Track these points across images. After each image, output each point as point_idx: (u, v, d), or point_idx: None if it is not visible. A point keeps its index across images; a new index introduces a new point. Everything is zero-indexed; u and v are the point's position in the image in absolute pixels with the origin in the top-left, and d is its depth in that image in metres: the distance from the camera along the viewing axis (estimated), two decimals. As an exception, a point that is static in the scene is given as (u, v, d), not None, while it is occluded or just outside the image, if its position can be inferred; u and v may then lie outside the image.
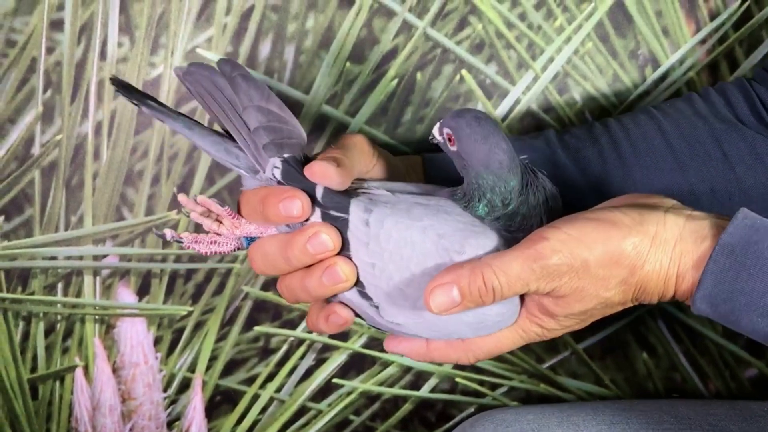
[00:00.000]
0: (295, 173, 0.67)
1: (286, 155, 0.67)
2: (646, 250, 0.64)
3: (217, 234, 0.70)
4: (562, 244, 0.63)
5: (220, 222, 0.70)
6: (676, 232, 0.64)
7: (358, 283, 0.67)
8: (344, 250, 0.67)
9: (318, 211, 0.67)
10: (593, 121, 0.86)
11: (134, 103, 0.70)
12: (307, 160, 0.69)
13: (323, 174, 0.66)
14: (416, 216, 0.66)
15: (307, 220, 0.67)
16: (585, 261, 0.63)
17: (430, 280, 0.64)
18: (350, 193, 0.68)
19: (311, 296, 0.68)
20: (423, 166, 0.80)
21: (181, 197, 0.71)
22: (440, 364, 0.94)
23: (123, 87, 0.70)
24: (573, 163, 0.80)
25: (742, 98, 0.82)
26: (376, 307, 0.67)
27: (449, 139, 0.67)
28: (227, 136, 0.70)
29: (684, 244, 0.64)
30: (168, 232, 0.71)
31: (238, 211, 0.70)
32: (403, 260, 0.65)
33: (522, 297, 0.67)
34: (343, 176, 0.67)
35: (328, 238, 0.66)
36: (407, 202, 0.67)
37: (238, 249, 0.70)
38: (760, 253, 0.62)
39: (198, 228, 0.75)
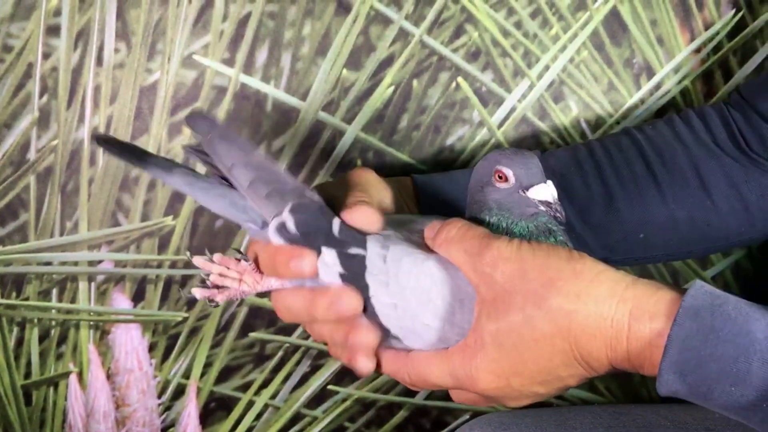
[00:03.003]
0: (308, 219, 0.65)
1: (291, 204, 0.65)
2: (586, 281, 0.60)
3: (240, 290, 0.68)
4: (509, 243, 0.63)
5: (241, 279, 0.68)
6: (629, 278, 0.61)
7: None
8: (364, 292, 0.66)
9: (334, 252, 0.65)
10: (577, 144, 0.86)
11: (125, 161, 0.68)
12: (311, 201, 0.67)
13: (368, 222, 0.65)
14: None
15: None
16: (522, 256, 0.61)
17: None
18: (362, 231, 0.67)
19: (338, 346, 0.67)
20: (414, 188, 0.80)
21: (197, 260, 0.68)
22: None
23: (108, 143, 0.67)
24: (557, 187, 0.81)
25: (720, 124, 0.82)
26: (401, 341, 0.66)
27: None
28: (232, 186, 0.67)
29: (636, 288, 0.60)
30: (198, 292, 0.68)
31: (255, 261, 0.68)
32: (423, 294, 0.65)
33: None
34: (381, 221, 0.66)
35: (350, 303, 0.65)
36: (419, 236, 0.67)
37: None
38: (726, 314, 0.58)
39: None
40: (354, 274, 0.65)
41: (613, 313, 0.60)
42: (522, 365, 0.62)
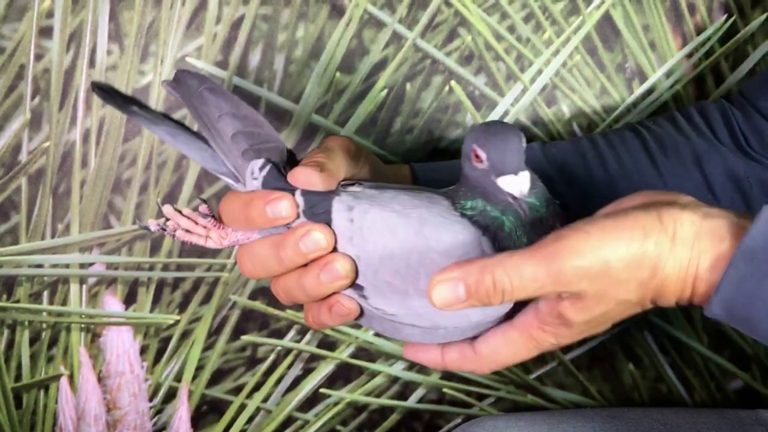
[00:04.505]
0: (277, 175, 0.67)
1: (264, 158, 0.67)
2: (667, 250, 0.61)
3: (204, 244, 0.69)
4: (584, 243, 0.60)
5: (208, 236, 0.69)
6: (693, 230, 0.61)
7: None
8: None
9: (301, 214, 0.66)
10: (580, 137, 0.86)
11: (117, 108, 0.69)
12: (291, 159, 0.69)
13: (307, 181, 0.65)
14: (400, 202, 0.65)
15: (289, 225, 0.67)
16: (606, 263, 0.60)
17: (435, 273, 0.61)
18: (334, 191, 0.67)
19: (308, 296, 0.66)
20: (412, 175, 0.80)
21: (167, 209, 0.69)
22: (429, 374, 0.95)
23: (104, 91, 0.69)
24: (559, 176, 0.81)
25: (721, 120, 0.83)
26: (365, 297, 0.66)
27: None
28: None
29: (701, 243, 0.61)
30: (153, 225, 0.70)
31: (220, 217, 0.69)
32: (386, 250, 0.64)
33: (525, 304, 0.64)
34: (327, 181, 0.66)
35: (321, 236, 0.65)
36: (394, 191, 0.66)
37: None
38: None
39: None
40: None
41: (686, 264, 0.62)
42: (606, 324, 0.64)
